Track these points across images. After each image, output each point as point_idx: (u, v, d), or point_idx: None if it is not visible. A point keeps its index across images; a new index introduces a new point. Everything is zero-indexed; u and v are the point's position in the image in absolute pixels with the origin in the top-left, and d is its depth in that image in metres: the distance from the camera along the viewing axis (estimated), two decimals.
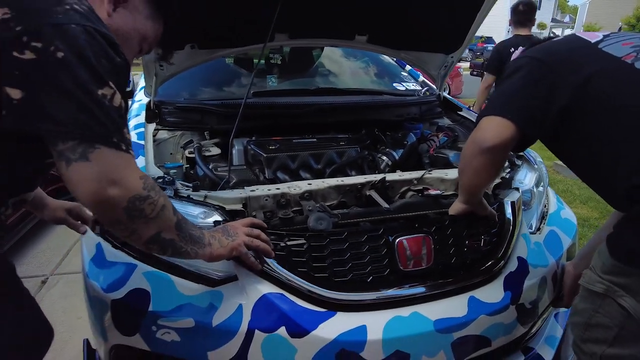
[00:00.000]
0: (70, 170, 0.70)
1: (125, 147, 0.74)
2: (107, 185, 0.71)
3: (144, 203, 0.76)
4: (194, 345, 1.08)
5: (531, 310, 1.31)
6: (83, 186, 0.70)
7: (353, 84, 2.48)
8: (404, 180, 1.45)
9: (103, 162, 0.71)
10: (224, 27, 1.67)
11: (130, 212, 0.75)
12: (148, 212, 0.77)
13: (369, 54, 2.75)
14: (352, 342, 1.07)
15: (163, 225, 0.82)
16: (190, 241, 0.90)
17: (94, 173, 0.70)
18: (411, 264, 1.20)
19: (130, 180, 0.74)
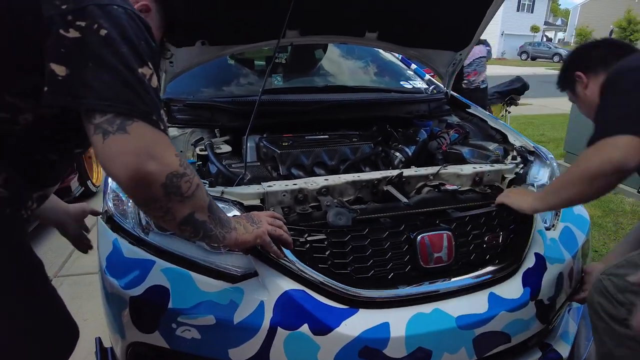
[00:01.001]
0: (108, 144, 0.68)
1: (162, 127, 0.74)
2: (146, 159, 0.69)
3: (181, 180, 0.74)
4: (215, 343, 1.07)
5: (549, 306, 1.30)
6: (120, 160, 0.68)
7: (359, 83, 2.47)
8: (421, 175, 1.44)
9: (142, 136, 0.70)
10: (235, 23, 1.66)
11: (168, 188, 0.73)
12: (184, 189, 0.76)
13: (373, 54, 2.75)
14: (375, 340, 1.06)
15: (197, 204, 0.81)
16: (219, 224, 0.88)
17: (133, 146, 0.69)
18: (432, 260, 1.20)
19: (168, 156, 0.73)
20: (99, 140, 0.68)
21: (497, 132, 1.89)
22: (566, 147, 4.57)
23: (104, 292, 1.21)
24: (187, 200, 0.77)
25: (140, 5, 0.88)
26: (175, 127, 1.73)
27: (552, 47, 30.73)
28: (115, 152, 0.68)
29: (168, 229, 0.83)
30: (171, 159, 0.73)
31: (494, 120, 1.97)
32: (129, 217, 1.24)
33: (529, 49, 30.33)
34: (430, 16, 1.83)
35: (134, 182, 0.70)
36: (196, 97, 1.91)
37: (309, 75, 2.60)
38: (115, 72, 0.68)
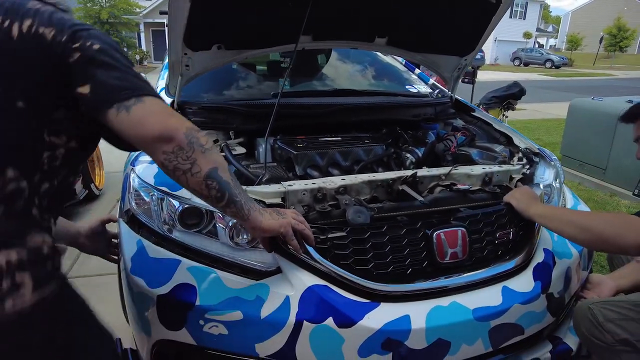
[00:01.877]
0: (133, 113, 0.78)
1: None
2: (167, 116, 0.82)
3: (199, 133, 0.84)
4: (242, 338, 1.10)
5: (559, 300, 1.36)
6: (148, 120, 0.79)
7: (366, 87, 2.53)
8: (433, 175, 1.50)
9: (157, 103, 0.82)
10: (251, 28, 1.70)
11: (189, 138, 0.82)
12: (203, 142, 0.85)
13: (377, 59, 2.81)
14: (397, 331, 1.11)
15: (218, 160, 0.88)
16: (243, 194, 0.93)
17: (154, 108, 0.81)
18: (448, 256, 1.24)
19: (180, 116, 0.85)
20: (124, 116, 0.78)
21: (502, 135, 1.95)
22: (563, 150, 4.65)
23: (130, 292, 1.24)
24: (208, 152, 0.85)
25: None
26: None
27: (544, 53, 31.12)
28: (140, 116, 0.79)
29: (196, 188, 0.87)
30: (185, 118, 0.86)
31: (498, 123, 2.03)
32: (152, 215, 1.28)
33: (521, 55, 30.73)
34: (438, 23, 1.89)
35: (162, 134, 0.80)
36: (210, 100, 1.95)
37: (315, 79, 2.65)
38: (121, 70, 0.81)
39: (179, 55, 1.62)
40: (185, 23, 1.46)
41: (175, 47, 1.58)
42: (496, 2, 1.79)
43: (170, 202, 1.24)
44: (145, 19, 22.56)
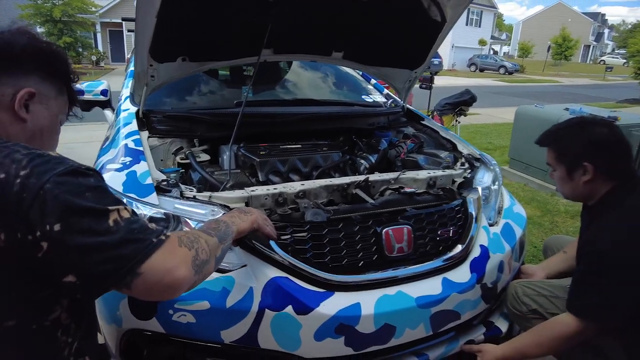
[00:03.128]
0: (135, 286, 0.73)
1: (156, 237, 0.77)
2: (171, 274, 0.76)
3: (198, 257, 0.83)
4: (209, 326, 1.21)
5: (492, 289, 1.55)
6: (153, 290, 0.75)
7: (325, 97, 2.68)
8: (384, 180, 1.66)
9: (155, 265, 0.75)
10: (215, 42, 1.81)
11: (199, 270, 0.83)
12: (205, 257, 0.86)
13: (337, 70, 2.97)
14: (349, 317, 1.25)
15: (214, 251, 0.92)
16: (225, 239, 1.01)
17: (155, 271, 0.74)
18: (395, 250, 1.40)
19: (179, 257, 0.79)
20: (127, 290, 0.74)
21: (448, 142, 2.14)
22: (510, 154, 5.00)
23: None
24: (211, 259, 0.89)
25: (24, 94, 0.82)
26: (155, 137, 1.84)
27: (498, 60, 32.60)
28: (143, 288, 0.74)
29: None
30: (183, 256, 0.79)
31: (444, 131, 2.23)
32: None
33: (477, 61, 32.08)
34: (390, 39, 2.07)
35: (174, 293, 0.78)
36: (174, 108, 2.03)
37: (277, 88, 2.77)
38: (99, 246, 0.70)
39: (144, 66, 1.70)
40: (152, 36, 1.54)
41: (142, 58, 1.65)
42: (442, 20, 1.99)
43: (139, 208, 1.31)
44: (102, 19, 21.83)
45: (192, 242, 0.85)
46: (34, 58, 0.84)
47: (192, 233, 0.90)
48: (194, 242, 0.85)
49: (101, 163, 1.59)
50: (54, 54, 0.88)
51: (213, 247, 0.91)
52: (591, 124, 1.38)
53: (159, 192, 1.35)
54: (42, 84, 0.86)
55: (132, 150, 1.57)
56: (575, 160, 1.34)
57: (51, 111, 0.88)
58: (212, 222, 1.04)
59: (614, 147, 1.32)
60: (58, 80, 0.90)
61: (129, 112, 1.93)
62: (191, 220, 1.31)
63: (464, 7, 1.93)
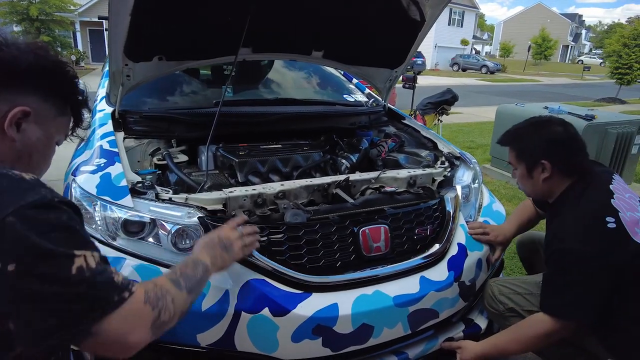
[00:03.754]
0: (84, 345, 0.69)
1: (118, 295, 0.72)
2: (125, 337, 0.72)
3: (160, 319, 0.79)
4: (184, 329, 1.19)
5: (470, 287, 1.56)
6: (102, 351, 0.72)
7: (307, 96, 2.67)
8: (364, 179, 1.66)
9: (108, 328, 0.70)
10: (192, 40, 1.78)
11: (156, 332, 0.79)
12: (167, 318, 0.81)
13: (318, 69, 2.96)
14: (326, 318, 1.25)
15: (180, 307, 0.87)
16: (198, 287, 0.97)
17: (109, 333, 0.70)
18: (372, 249, 1.41)
19: (140, 318, 0.75)
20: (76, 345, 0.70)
21: (429, 141, 2.16)
22: (492, 152, 5.07)
23: None
24: (174, 316, 0.84)
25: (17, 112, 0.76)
26: (132, 138, 1.81)
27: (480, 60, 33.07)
28: (94, 347, 0.71)
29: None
30: (143, 316, 0.76)
31: (425, 130, 2.24)
32: (95, 224, 1.31)
33: (459, 61, 32.46)
34: (370, 38, 2.07)
35: (132, 352, 0.75)
36: (152, 108, 1.99)
37: (258, 88, 2.75)
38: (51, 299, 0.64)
39: (119, 65, 1.67)
40: (126, 35, 1.51)
41: (116, 57, 1.62)
42: (421, 20, 2.00)
43: (113, 211, 1.29)
44: (82, 18, 21.35)
45: (158, 299, 0.80)
46: (39, 77, 0.80)
47: (161, 287, 0.83)
48: (159, 300, 0.80)
49: (75, 165, 1.55)
50: (61, 74, 0.84)
51: (179, 304, 0.86)
52: (547, 122, 1.42)
53: (134, 195, 1.32)
54: (43, 104, 0.81)
55: (107, 151, 1.54)
56: (534, 158, 1.38)
57: (47, 132, 0.84)
58: (189, 265, 0.99)
59: (569, 144, 1.37)
60: (61, 101, 0.86)
61: (105, 112, 1.89)
62: (167, 222, 1.28)
63: (443, 6, 1.94)
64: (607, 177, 1.39)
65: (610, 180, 1.38)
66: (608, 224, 1.25)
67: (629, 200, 1.34)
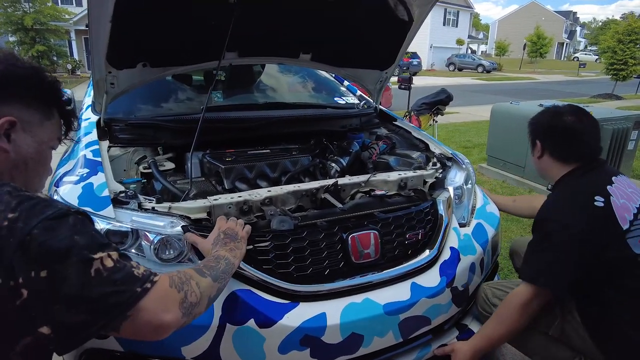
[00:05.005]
0: (124, 329, 0.73)
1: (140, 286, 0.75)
2: (159, 317, 0.76)
3: (187, 300, 0.83)
4: (168, 342, 1.14)
5: (463, 292, 1.53)
6: (142, 332, 0.75)
7: (297, 99, 2.64)
8: (354, 183, 1.62)
9: (143, 311, 0.74)
10: (175, 46, 1.75)
11: (187, 313, 0.82)
12: (194, 300, 0.85)
13: (309, 72, 2.93)
14: (314, 328, 1.21)
15: (207, 292, 0.91)
16: (224, 277, 1.02)
17: (143, 317, 0.74)
18: (361, 256, 1.37)
19: (168, 300, 0.79)
20: (115, 333, 0.74)
21: (420, 142, 2.13)
22: (488, 151, 5.04)
23: None
24: (202, 300, 0.88)
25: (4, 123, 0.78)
26: (117, 146, 1.78)
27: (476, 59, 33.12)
28: (132, 331, 0.74)
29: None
30: (171, 298, 0.80)
31: (417, 132, 2.21)
32: None
33: (455, 61, 32.50)
34: (358, 40, 2.05)
35: (162, 335, 0.78)
36: (138, 116, 1.96)
37: (248, 92, 2.72)
38: (86, 297, 0.69)
39: (103, 73, 1.64)
40: (108, 42, 1.48)
41: (99, 65, 1.59)
42: (409, 19, 1.98)
43: (95, 222, 1.25)
44: (77, 26, 21.34)
45: (183, 283, 0.85)
46: (15, 85, 0.81)
47: (184, 273, 0.89)
48: (183, 284, 0.85)
49: (58, 175, 1.52)
50: (37, 78, 0.85)
51: (205, 288, 0.91)
52: (553, 112, 1.51)
53: (116, 205, 1.29)
54: (26, 111, 0.83)
55: (90, 161, 1.51)
56: (532, 137, 1.53)
57: (37, 139, 0.85)
58: (211, 260, 1.04)
59: (566, 132, 1.44)
60: (44, 105, 0.87)
61: (90, 121, 1.86)
62: (150, 233, 1.25)
63: (431, 6, 1.92)
64: (612, 171, 1.43)
65: (615, 173, 1.41)
66: (596, 202, 1.28)
67: (630, 193, 1.35)
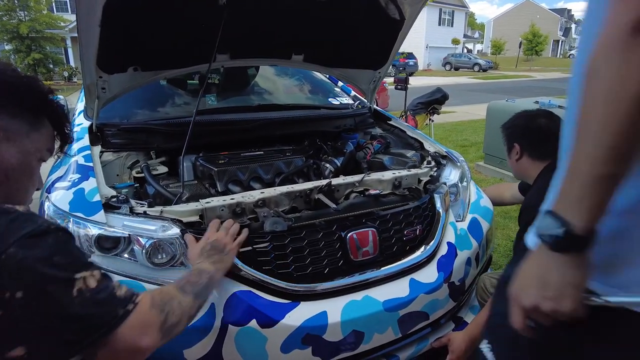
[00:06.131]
0: (101, 354, 0.72)
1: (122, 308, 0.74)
2: (137, 342, 0.75)
3: (167, 321, 0.82)
4: (170, 345, 1.12)
5: (460, 286, 1.53)
6: (120, 355, 0.74)
7: (291, 101, 2.63)
8: (348, 183, 1.62)
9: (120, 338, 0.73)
10: (166, 49, 1.75)
11: (166, 335, 0.82)
12: (175, 320, 0.84)
13: (304, 73, 2.93)
14: (315, 327, 1.21)
15: (187, 311, 0.91)
16: (205, 293, 1.01)
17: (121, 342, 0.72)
18: (360, 254, 1.37)
19: (148, 323, 0.78)
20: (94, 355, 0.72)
21: (415, 141, 2.12)
22: (485, 149, 5.04)
23: None
24: (182, 319, 0.87)
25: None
26: (110, 151, 1.77)
27: (472, 58, 33.18)
28: (110, 355, 0.72)
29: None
30: (150, 320, 0.79)
31: (411, 131, 2.21)
32: None
33: (451, 60, 32.57)
34: (351, 40, 2.05)
35: (140, 356, 0.77)
36: (130, 120, 1.95)
37: (242, 95, 2.71)
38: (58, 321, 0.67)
39: (93, 78, 1.63)
40: (97, 47, 1.48)
41: (89, 70, 1.59)
42: (401, 18, 1.98)
43: (87, 228, 1.24)
44: (72, 34, 21.32)
45: (164, 304, 0.84)
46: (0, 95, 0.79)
47: (166, 293, 0.89)
48: (165, 305, 0.84)
49: (50, 181, 1.51)
50: (25, 88, 0.82)
51: (186, 308, 0.90)
52: (527, 116, 1.58)
53: (107, 210, 1.28)
54: (12, 120, 0.80)
55: (81, 166, 1.50)
56: (510, 141, 1.59)
57: (22, 149, 0.81)
58: (193, 274, 1.03)
59: (540, 132, 1.51)
60: (31, 115, 0.83)
61: (82, 126, 1.85)
62: (142, 237, 1.24)
63: (422, 4, 1.92)
64: None
65: None
66: None
67: None
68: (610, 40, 0.53)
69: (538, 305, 0.62)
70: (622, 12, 0.52)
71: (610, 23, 0.54)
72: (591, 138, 0.54)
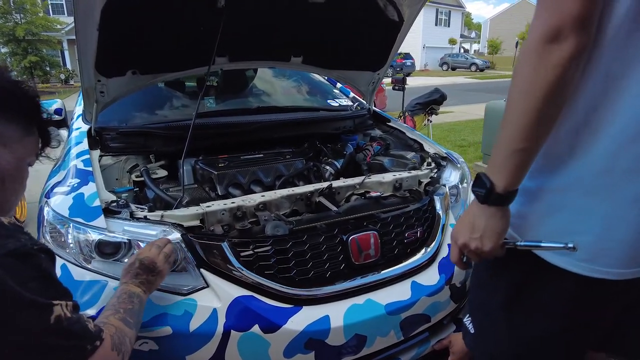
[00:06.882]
0: None
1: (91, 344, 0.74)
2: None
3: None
4: (173, 352, 1.14)
5: (461, 288, 1.52)
6: None
7: (290, 103, 2.63)
8: (348, 185, 1.61)
9: None
10: (165, 52, 1.74)
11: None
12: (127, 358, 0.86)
13: (302, 75, 2.93)
14: (318, 331, 1.21)
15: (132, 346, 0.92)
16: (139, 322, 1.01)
17: None
18: (362, 257, 1.36)
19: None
20: None
21: (415, 142, 2.12)
22: (483, 149, 5.04)
23: None
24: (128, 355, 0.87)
25: None
26: (109, 155, 1.76)
27: (469, 58, 33.24)
28: None
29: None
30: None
31: (411, 132, 2.21)
32: (68, 248, 1.25)
33: (448, 60, 32.61)
34: (349, 42, 2.04)
35: None
36: (129, 124, 1.94)
37: (241, 97, 2.71)
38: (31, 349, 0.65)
39: (92, 82, 1.62)
40: (96, 50, 1.47)
41: (88, 74, 1.58)
42: (399, 20, 1.97)
43: (87, 233, 1.23)
44: (69, 36, 21.31)
45: (121, 344, 0.85)
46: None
47: (121, 330, 0.88)
48: (121, 345, 0.85)
49: (49, 186, 1.50)
50: (20, 93, 0.82)
51: (132, 342, 0.92)
52: None
53: (107, 214, 1.27)
54: (8, 126, 0.79)
55: (81, 171, 1.48)
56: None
57: (16, 155, 0.81)
58: (125, 299, 1.00)
59: None
60: (26, 120, 0.83)
61: (81, 130, 1.84)
62: (143, 242, 1.23)
63: (421, 5, 1.91)
64: None
65: None
66: None
67: None
68: (529, 45, 0.66)
69: (467, 244, 0.81)
70: (541, 22, 0.65)
71: (532, 29, 0.67)
72: (511, 122, 0.71)
